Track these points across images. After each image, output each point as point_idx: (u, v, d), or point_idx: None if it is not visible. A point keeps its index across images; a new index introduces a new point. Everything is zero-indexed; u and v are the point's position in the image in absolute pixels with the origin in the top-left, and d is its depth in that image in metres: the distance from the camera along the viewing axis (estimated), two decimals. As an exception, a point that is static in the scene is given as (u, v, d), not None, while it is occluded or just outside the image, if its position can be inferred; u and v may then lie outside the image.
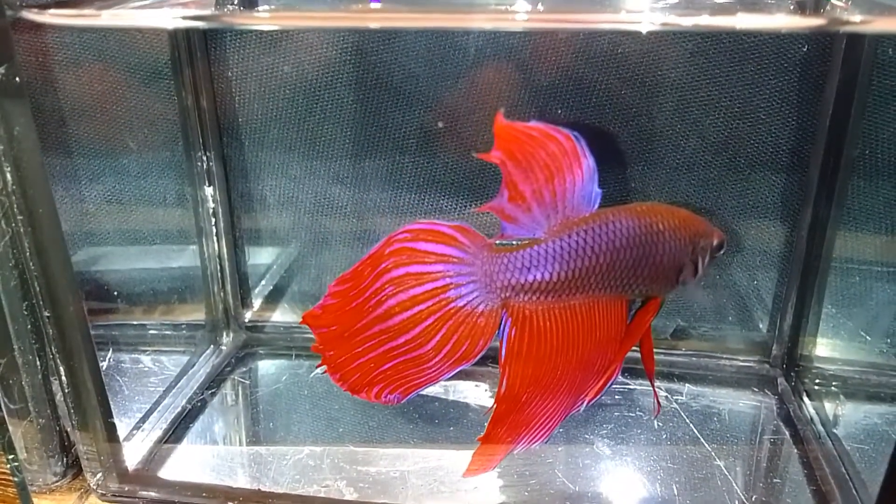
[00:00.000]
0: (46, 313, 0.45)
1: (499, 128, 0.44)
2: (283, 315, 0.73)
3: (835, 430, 0.56)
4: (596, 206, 0.47)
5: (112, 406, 0.51)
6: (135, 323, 0.66)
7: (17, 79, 0.42)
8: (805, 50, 0.57)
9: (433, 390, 0.64)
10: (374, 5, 0.49)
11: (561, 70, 0.59)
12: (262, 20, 0.52)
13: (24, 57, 0.52)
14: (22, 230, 0.43)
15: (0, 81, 0.41)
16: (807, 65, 0.57)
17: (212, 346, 0.69)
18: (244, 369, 0.68)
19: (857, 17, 0.44)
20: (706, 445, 0.57)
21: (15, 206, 0.43)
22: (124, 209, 0.64)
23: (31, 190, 0.43)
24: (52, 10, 0.45)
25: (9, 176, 0.42)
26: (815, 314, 0.61)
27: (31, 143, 0.42)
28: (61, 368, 0.47)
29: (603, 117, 0.60)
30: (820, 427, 0.58)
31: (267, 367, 0.69)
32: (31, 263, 0.44)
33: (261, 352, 0.71)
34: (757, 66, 0.58)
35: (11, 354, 0.46)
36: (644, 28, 0.46)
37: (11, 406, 0.47)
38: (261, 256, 0.71)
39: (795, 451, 0.57)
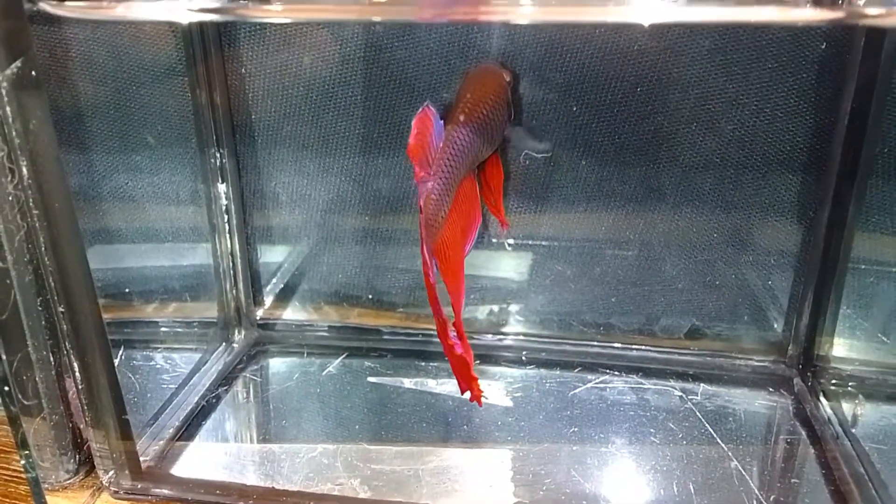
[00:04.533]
0: (61, 309, 0.45)
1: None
2: (294, 313, 0.73)
3: (853, 431, 0.56)
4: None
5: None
6: (147, 320, 0.66)
7: (34, 73, 0.41)
8: (823, 46, 0.56)
9: (446, 389, 0.63)
10: None
11: (578, 66, 0.59)
12: (276, 13, 0.52)
13: (40, 52, 0.52)
14: (38, 225, 0.43)
15: (16, 75, 0.40)
16: (825, 61, 0.56)
17: (224, 343, 0.69)
18: (256, 367, 0.68)
19: (875, 10, 0.43)
20: (722, 445, 0.56)
21: (31, 200, 0.42)
22: (137, 205, 0.64)
23: (47, 185, 0.42)
24: (68, 3, 0.45)
25: (25, 170, 0.41)
26: (832, 314, 0.61)
27: (47, 137, 0.42)
28: (75, 365, 0.47)
29: (619, 114, 0.60)
30: (837, 427, 0.57)
31: (278, 364, 0.69)
32: (46, 259, 0.44)
33: (272, 349, 0.70)
34: (775, 63, 0.57)
35: (25, 350, 0.46)
36: (659, 20, 0.46)
37: (25, 402, 0.46)
38: (273, 254, 0.71)
39: (813, 451, 0.56)
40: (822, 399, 0.60)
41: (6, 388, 0.45)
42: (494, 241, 0.67)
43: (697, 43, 0.57)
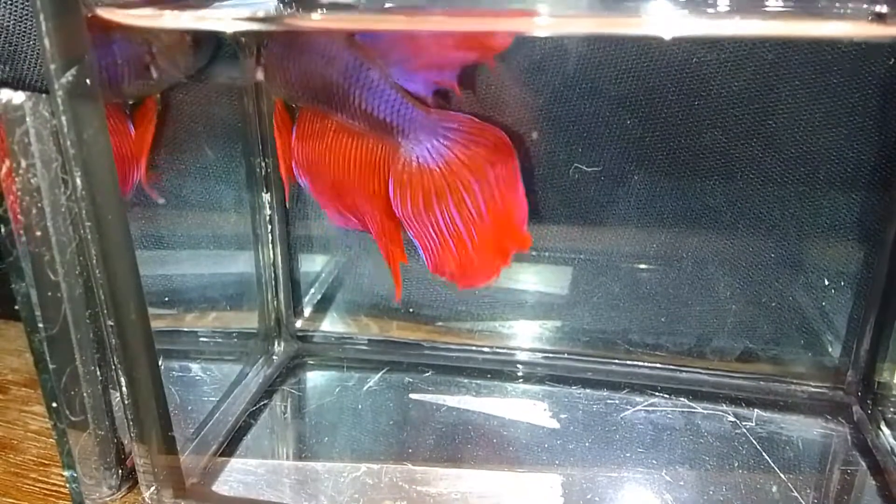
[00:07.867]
0: (110, 323, 0.44)
1: None
2: (333, 325, 0.72)
3: (920, 463, 0.54)
4: None
5: (166, 418, 0.49)
6: (188, 329, 0.65)
7: (89, 81, 0.40)
8: (892, 62, 0.54)
9: (488, 408, 0.62)
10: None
11: (633, 79, 0.57)
12: (319, 24, 0.51)
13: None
14: (90, 237, 0.42)
15: (71, 83, 0.39)
16: (893, 77, 0.54)
17: (264, 355, 0.68)
18: (295, 380, 0.66)
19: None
20: (780, 474, 0.54)
21: (84, 212, 0.41)
22: (181, 213, 0.63)
23: (100, 196, 0.41)
24: (123, 10, 0.44)
25: (78, 181, 0.40)
26: (896, 339, 0.59)
27: (101, 147, 0.41)
28: (122, 380, 0.45)
29: (674, 128, 0.58)
30: (901, 458, 0.55)
31: (318, 378, 0.67)
32: (97, 271, 0.42)
33: (311, 362, 0.69)
34: (840, 77, 0.55)
35: (73, 366, 0.45)
36: (719, 32, 0.45)
37: (72, 419, 0.45)
38: (313, 264, 0.70)
39: (875, 482, 0.54)
40: (884, 428, 0.58)
41: (54, 405, 0.44)
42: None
43: (759, 56, 0.55)
